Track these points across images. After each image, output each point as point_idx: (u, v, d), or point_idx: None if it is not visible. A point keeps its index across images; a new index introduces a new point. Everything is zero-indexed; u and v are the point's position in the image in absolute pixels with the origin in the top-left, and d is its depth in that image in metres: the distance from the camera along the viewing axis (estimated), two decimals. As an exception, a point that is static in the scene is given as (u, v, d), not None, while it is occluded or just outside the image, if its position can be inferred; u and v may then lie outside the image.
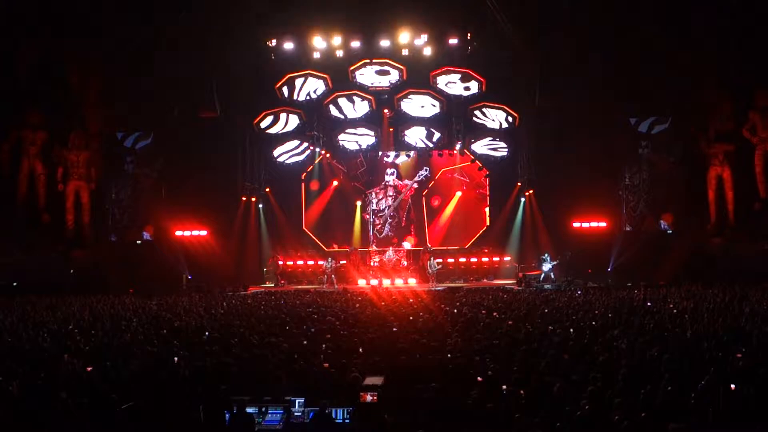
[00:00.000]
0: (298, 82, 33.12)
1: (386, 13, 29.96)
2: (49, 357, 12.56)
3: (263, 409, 9.33)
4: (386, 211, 35.31)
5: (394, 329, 15.32)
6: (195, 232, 32.57)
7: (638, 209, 31.79)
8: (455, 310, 18.72)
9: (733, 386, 9.25)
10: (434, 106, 33.35)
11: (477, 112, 33.33)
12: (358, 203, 35.23)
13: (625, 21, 28.82)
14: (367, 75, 32.96)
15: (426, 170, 35.18)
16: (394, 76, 32.82)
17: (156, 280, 29.35)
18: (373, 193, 35.39)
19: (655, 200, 31.61)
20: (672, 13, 28.18)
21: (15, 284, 28.34)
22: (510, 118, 33.15)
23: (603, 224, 31.97)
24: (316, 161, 35.10)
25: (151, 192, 32.56)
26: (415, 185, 35.23)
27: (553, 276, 29.96)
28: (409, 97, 33.34)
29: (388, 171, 35.48)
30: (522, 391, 9.47)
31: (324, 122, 34.08)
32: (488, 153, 34.25)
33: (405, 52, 31.54)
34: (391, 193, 35.48)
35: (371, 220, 34.82)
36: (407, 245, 34.48)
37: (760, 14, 27.13)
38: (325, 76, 32.77)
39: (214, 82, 30.59)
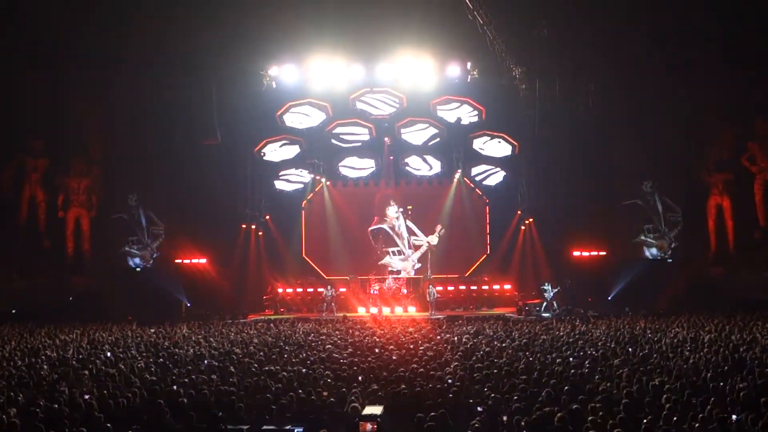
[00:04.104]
0: (299, 110, 33.35)
1: (387, 43, 30.19)
2: (47, 385, 12.50)
3: (262, 438, 9.29)
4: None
5: (394, 358, 15.27)
6: (195, 260, 32.59)
7: (638, 238, 31.79)
8: (455, 339, 18.65)
9: (734, 417, 9.22)
10: (434, 134, 33.50)
11: (477, 141, 33.50)
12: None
13: (624, 51, 29.10)
14: (367, 103, 33.16)
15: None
16: (394, 104, 33.02)
17: (155, 307, 29.26)
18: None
19: (655, 229, 31.63)
20: (671, 43, 28.43)
21: (14, 311, 28.21)
22: (510, 147, 33.30)
23: (603, 253, 32.00)
24: (317, 189, 35.19)
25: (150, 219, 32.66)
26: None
27: (555, 304, 29.85)
28: (410, 125, 33.51)
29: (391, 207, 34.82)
30: (523, 422, 9.42)
31: (324, 150, 34.24)
32: (488, 181, 34.35)
33: (405, 80, 31.76)
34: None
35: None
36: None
37: (759, 44, 27.35)
38: (325, 104, 33.00)
39: (216, 109, 30.75)
